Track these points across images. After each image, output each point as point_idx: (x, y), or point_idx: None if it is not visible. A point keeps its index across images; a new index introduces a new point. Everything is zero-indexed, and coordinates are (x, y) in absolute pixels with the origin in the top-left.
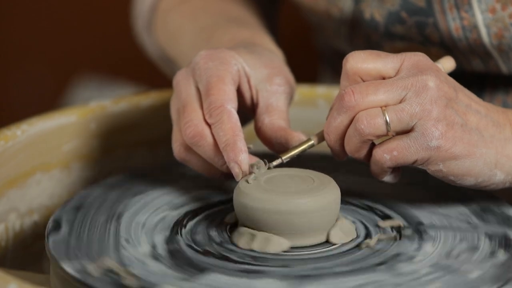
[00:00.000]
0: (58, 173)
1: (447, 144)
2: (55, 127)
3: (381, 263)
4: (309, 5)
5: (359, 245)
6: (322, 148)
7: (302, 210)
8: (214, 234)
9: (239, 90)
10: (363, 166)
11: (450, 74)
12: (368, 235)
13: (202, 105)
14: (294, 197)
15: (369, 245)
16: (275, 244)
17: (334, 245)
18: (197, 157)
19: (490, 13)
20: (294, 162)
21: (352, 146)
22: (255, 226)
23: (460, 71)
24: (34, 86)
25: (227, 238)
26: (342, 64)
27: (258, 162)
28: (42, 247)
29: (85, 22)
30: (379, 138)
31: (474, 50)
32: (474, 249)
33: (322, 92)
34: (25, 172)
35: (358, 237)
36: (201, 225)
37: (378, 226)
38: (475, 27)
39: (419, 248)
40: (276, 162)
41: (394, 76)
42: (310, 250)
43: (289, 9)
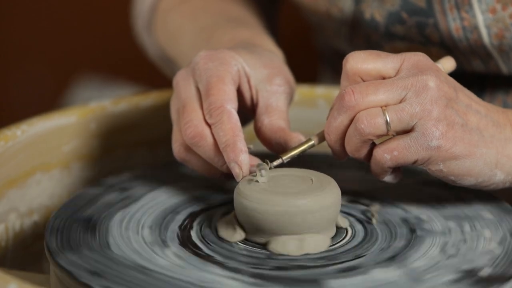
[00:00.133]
0: (58, 173)
1: (448, 144)
2: (55, 127)
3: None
4: (309, 5)
5: (364, 213)
6: (322, 148)
7: (303, 210)
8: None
9: (239, 90)
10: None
11: (450, 74)
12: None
13: (202, 105)
14: (294, 197)
15: (373, 213)
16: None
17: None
18: (197, 157)
19: (491, 13)
20: (294, 162)
21: (352, 146)
22: (256, 226)
23: (460, 71)
24: (34, 86)
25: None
26: (342, 64)
27: (261, 164)
28: (42, 247)
29: (85, 22)
30: (380, 138)
31: (474, 50)
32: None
33: (322, 92)
34: (25, 172)
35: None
36: (200, 225)
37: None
38: (476, 28)
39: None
40: (276, 162)
41: (394, 76)
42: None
43: (289, 9)
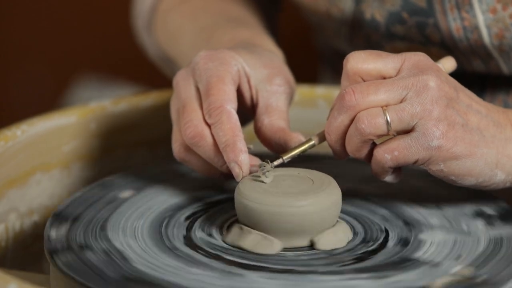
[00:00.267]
0: (58, 173)
1: (448, 144)
2: (55, 127)
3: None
4: (309, 5)
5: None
6: (323, 148)
7: (303, 211)
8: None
9: (239, 90)
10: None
11: (451, 74)
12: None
13: (202, 105)
14: (294, 198)
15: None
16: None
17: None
18: (196, 157)
19: (491, 13)
20: (295, 162)
21: (353, 146)
22: (256, 226)
23: (461, 72)
24: (34, 86)
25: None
26: (343, 64)
27: (263, 164)
28: (42, 247)
29: (85, 22)
30: (380, 138)
31: (474, 50)
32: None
33: (322, 92)
34: (25, 172)
35: (355, 238)
36: (201, 225)
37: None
38: (476, 28)
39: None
40: (277, 162)
41: (395, 76)
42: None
43: (289, 9)
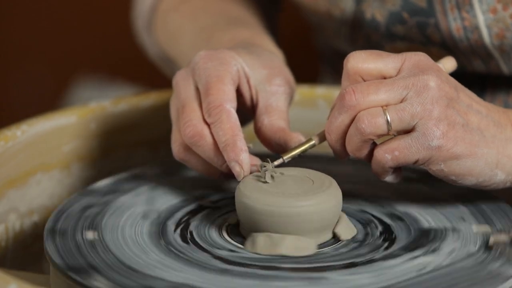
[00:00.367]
0: (58, 173)
1: (448, 143)
2: (55, 128)
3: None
4: (309, 5)
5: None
6: (323, 148)
7: (304, 211)
8: (215, 235)
9: (239, 91)
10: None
11: (451, 74)
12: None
13: (201, 105)
14: (295, 198)
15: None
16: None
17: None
18: (196, 157)
19: (491, 13)
20: (295, 162)
21: (353, 145)
22: (256, 226)
23: (461, 72)
24: (34, 86)
25: (228, 239)
26: (343, 64)
27: (264, 164)
28: (42, 247)
29: (85, 22)
30: (380, 137)
31: (475, 50)
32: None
33: (322, 92)
34: (25, 172)
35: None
36: (201, 225)
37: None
38: (476, 28)
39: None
40: (277, 162)
41: (395, 75)
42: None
43: (289, 9)
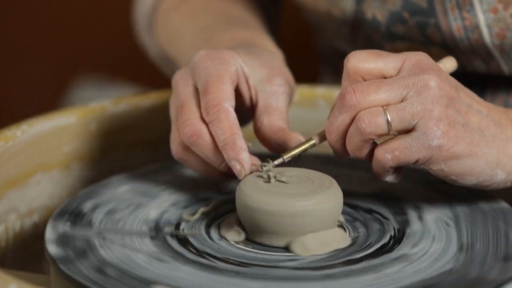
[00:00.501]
0: (58, 173)
1: (449, 143)
2: (55, 128)
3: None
4: (310, 5)
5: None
6: (323, 148)
7: (304, 211)
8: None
9: (238, 90)
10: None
11: (451, 74)
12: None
13: (200, 104)
14: (295, 198)
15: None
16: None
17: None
18: (195, 156)
19: (492, 13)
20: (295, 162)
21: (353, 145)
22: (256, 226)
23: (461, 71)
24: (34, 86)
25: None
26: (344, 63)
27: (264, 164)
28: (42, 248)
29: (85, 22)
30: (381, 137)
31: (475, 50)
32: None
33: (322, 92)
34: (25, 172)
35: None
36: (201, 225)
37: None
38: (477, 27)
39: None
40: (277, 162)
41: (395, 75)
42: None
43: (289, 9)
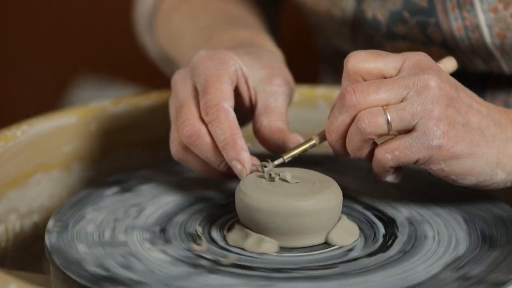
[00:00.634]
0: (58, 173)
1: (449, 143)
2: (55, 128)
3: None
4: (310, 5)
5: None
6: (323, 148)
7: (304, 211)
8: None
9: (238, 91)
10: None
11: (451, 74)
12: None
13: (199, 104)
14: (295, 198)
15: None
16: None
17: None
18: (194, 157)
19: (492, 13)
20: (295, 162)
21: (353, 145)
22: (256, 226)
23: (461, 71)
24: (34, 86)
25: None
26: (344, 63)
27: (264, 164)
28: (42, 248)
29: (85, 22)
30: (381, 137)
31: (476, 50)
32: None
33: (322, 92)
34: (25, 172)
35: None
36: (201, 225)
37: None
38: (477, 27)
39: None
40: (277, 162)
41: (395, 75)
42: (309, 252)
43: (289, 9)
